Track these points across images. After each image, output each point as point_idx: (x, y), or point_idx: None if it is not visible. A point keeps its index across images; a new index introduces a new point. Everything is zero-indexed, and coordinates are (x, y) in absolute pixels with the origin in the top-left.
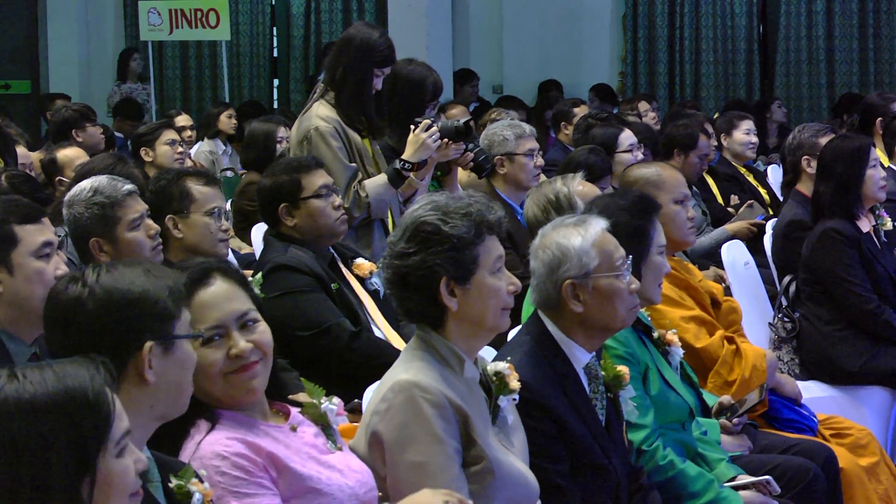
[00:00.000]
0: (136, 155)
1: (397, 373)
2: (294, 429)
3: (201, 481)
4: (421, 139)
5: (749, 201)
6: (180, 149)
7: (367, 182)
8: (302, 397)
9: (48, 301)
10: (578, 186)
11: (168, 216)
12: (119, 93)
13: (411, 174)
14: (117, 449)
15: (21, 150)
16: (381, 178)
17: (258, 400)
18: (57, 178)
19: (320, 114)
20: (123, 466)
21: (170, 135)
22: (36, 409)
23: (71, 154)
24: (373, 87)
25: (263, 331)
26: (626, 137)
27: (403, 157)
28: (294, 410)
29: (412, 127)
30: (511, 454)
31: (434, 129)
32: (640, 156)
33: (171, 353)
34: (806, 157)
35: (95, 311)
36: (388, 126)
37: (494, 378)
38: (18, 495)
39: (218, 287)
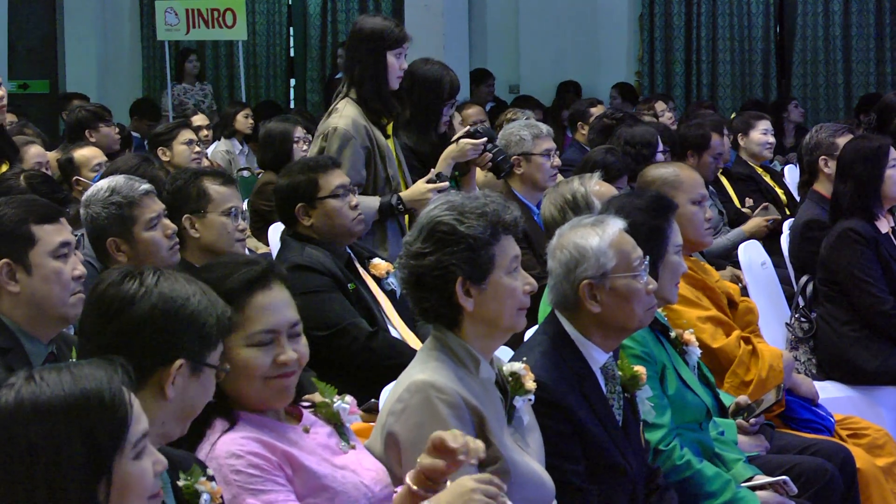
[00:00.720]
0: (153, 154)
1: (413, 373)
2: (307, 430)
3: (210, 480)
4: (465, 149)
5: (763, 204)
6: (197, 148)
7: (361, 198)
8: (315, 397)
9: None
10: (595, 186)
11: (185, 216)
12: (173, 93)
13: None
14: (134, 451)
15: (38, 149)
16: (374, 204)
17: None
18: (74, 178)
19: (346, 113)
20: (141, 469)
21: (187, 134)
22: (52, 412)
23: (88, 154)
24: (391, 73)
25: (305, 344)
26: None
27: (436, 168)
28: (306, 412)
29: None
30: (527, 454)
31: (480, 141)
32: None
33: (196, 377)
34: (823, 157)
35: (143, 314)
36: (406, 125)
37: (510, 378)
38: (34, 497)
39: (277, 292)
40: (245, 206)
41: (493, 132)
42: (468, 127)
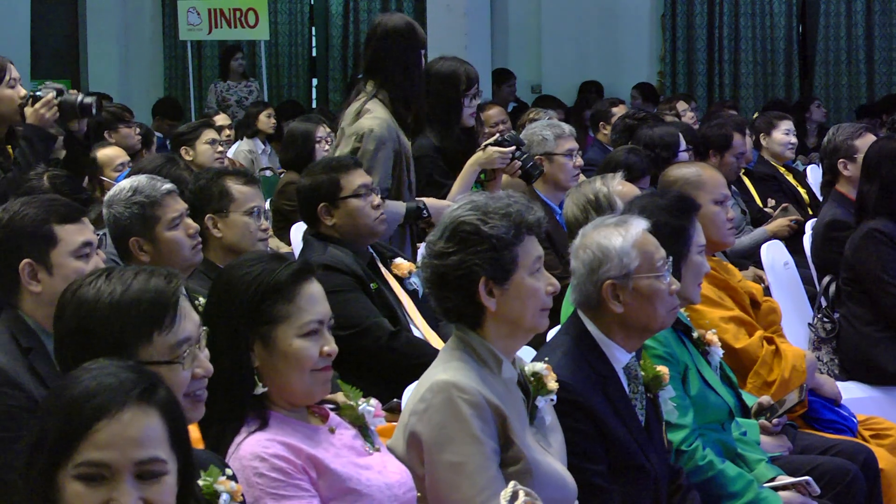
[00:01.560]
0: (176, 154)
1: (435, 373)
2: (332, 430)
3: (229, 479)
4: (492, 157)
5: (784, 204)
6: (220, 148)
7: (389, 202)
8: (339, 398)
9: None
10: (618, 186)
11: (208, 215)
12: (215, 91)
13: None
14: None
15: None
16: (401, 209)
17: None
18: (97, 178)
19: (379, 115)
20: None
21: (210, 134)
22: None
23: (111, 153)
24: (423, 72)
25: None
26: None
27: (461, 175)
28: (332, 413)
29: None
30: (549, 455)
31: (508, 150)
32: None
33: None
34: (842, 160)
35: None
36: (428, 125)
37: (532, 378)
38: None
39: (317, 284)
40: (267, 205)
41: (521, 139)
42: (497, 135)
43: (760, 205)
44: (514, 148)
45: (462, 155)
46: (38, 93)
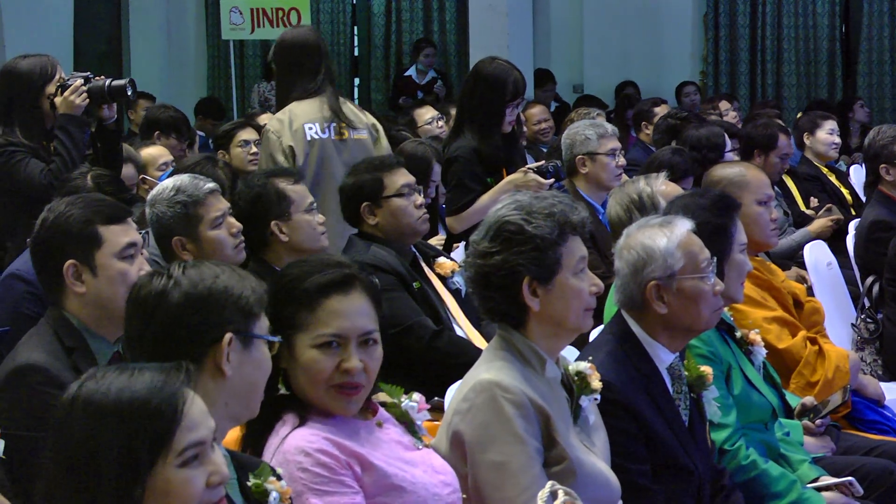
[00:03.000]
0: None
1: (479, 372)
2: (380, 424)
3: (279, 479)
4: (529, 184)
5: (827, 205)
6: (254, 149)
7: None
8: (382, 397)
9: (130, 294)
10: (662, 186)
11: (273, 222)
12: (258, 90)
13: None
14: (181, 459)
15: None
16: None
17: None
18: (140, 177)
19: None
20: (186, 477)
21: (243, 135)
22: (99, 412)
23: (155, 153)
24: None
25: (377, 357)
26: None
27: (492, 190)
28: (381, 408)
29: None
30: (592, 454)
31: (546, 182)
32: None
33: (249, 351)
34: (884, 165)
35: (179, 301)
36: (468, 126)
37: (576, 378)
38: (75, 493)
39: (354, 299)
40: None
41: (562, 172)
42: (542, 162)
43: (802, 206)
44: (553, 181)
45: (501, 159)
46: (67, 81)
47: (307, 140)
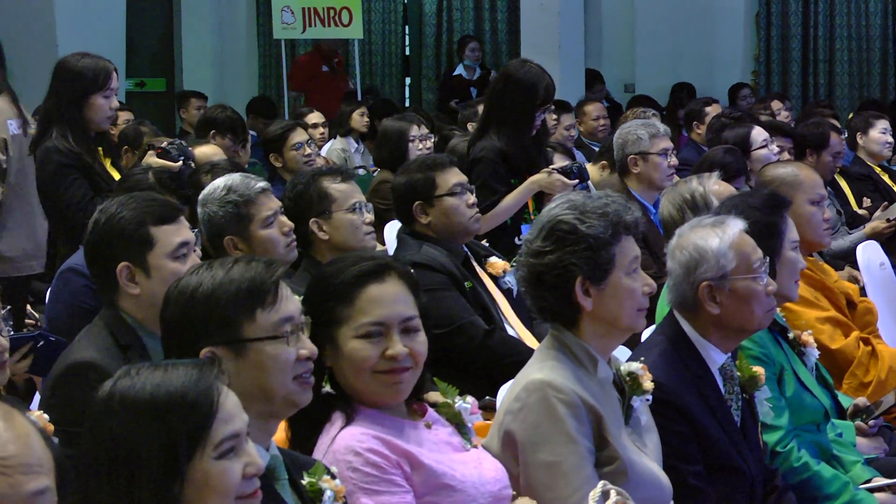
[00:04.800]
0: (268, 158)
1: (531, 372)
2: (429, 426)
3: (333, 478)
4: (554, 185)
5: (884, 204)
6: (308, 150)
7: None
8: (434, 396)
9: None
10: (714, 186)
11: (312, 220)
12: None
13: None
14: (218, 451)
15: (213, 148)
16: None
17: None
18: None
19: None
20: (224, 468)
21: (296, 138)
22: (136, 408)
23: (209, 151)
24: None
25: (422, 341)
26: (758, 134)
27: (518, 190)
28: (430, 408)
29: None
30: (644, 455)
31: (571, 183)
32: (775, 149)
33: (242, 357)
34: None
35: (175, 311)
36: (495, 127)
37: (628, 378)
38: (114, 488)
39: (390, 286)
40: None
41: (587, 173)
42: (567, 163)
43: (855, 206)
44: (577, 182)
45: (527, 162)
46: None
47: (11, 135)
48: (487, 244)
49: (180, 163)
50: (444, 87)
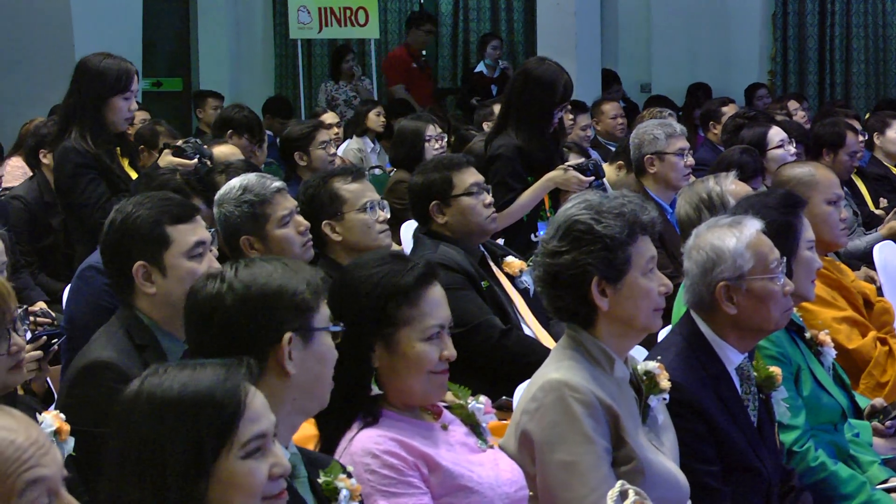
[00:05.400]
0: (289, 158)
1: (547, 371)
2: (445, 427)
3: (349, 477)
4: (570, 181)
5: None
6: (332, 149)
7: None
8: (448, 397)
9: (188, 300)
10: (731, 186)
11: (324, 222)
12: (325, 89)
13: None
14: (244, 451)
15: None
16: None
17: None
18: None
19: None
20: (250, 468)
21: (322, 136)
22: (163, 407)
23: (226, 151)
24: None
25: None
26: (775, 133)
27: (534, 187)
28: (445, 410)
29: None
30: (661, 454)
31: (587, 180)
32: (791, 150)
33: (310, 345)
34: None
35: (234, 305)
36: (513, 124)
37: (644, 378)
38: (142, 486)
39: (439, 288)
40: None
41: (602, 170)
42: (583, 160)
43: (872, 206)
44: (593, 178)
45: (544, 159)
46: (181, 145)
47: None
48: (503, 241)
49: (195, 160)
50: (464, 83)
